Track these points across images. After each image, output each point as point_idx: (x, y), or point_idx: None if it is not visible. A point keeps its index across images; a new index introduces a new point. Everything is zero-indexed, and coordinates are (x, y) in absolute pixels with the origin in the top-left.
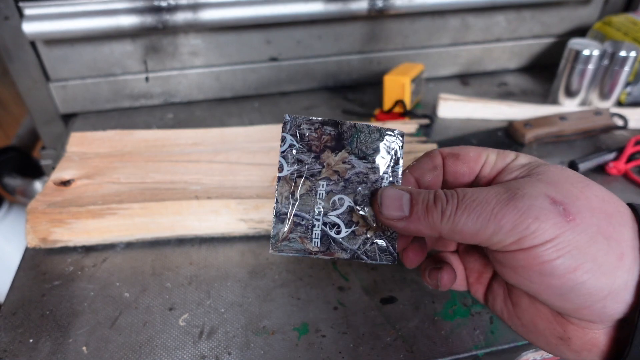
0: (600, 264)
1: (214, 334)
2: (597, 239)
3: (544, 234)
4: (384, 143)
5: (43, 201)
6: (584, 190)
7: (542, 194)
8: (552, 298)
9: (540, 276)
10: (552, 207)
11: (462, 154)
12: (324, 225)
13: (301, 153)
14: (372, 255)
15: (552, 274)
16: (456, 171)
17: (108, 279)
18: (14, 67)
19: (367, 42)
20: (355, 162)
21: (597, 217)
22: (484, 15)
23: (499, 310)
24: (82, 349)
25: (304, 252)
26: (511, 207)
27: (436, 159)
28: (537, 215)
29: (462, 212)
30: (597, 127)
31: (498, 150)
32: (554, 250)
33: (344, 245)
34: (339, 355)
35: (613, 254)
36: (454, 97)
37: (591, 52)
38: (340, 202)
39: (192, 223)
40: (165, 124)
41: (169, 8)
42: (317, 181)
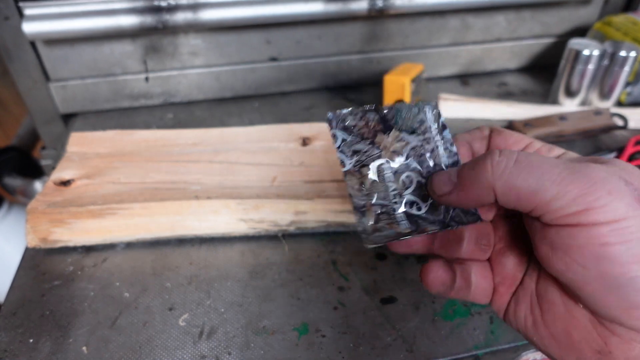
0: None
1: (214, 334)
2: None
3: (614, 211)
4: (424, 115)
5: (43, 201)
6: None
7: (616, 175)
8: (602, 292)
9: (597, 261)
10: (627, 188)
11: (507, 133)
12: (404, 206)
13: (355, 144)
14: (458, 219)
15: (612, 260)
16: (499, 145)
17: (108, 279)
18: (14, 67)
19: (367, 42)
20: (407, 137)
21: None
22: (484, 15)
23: (522, 321)
24: (82, 349)
25: (398, 236)
26: (582, 174)
27: (484, 130)
28: (610, 190)
29: (522, 167)
30: (597, 127)
31: (545, 142)
32: (620, 232)
33: (430, 218)
34: (339, 355)
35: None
36: (454, 97)
37: (591, 52)
38: (409, 179)
39: (192, 223)
40: (165, 124)
41: (169, 8)
42: (381, 165)
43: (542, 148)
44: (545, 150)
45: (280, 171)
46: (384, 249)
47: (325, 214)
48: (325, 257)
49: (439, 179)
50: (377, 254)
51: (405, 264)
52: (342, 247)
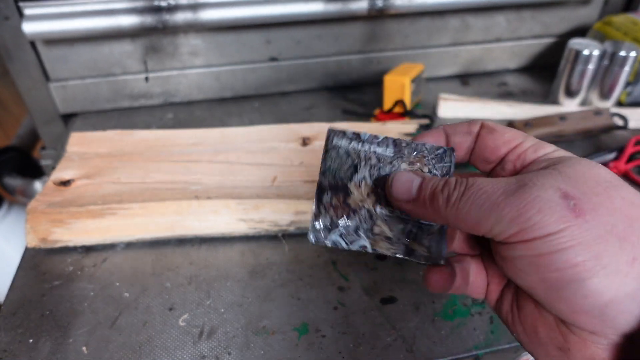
0: (605, 264)
1: (213, 334)
2: (608, 238)
3: (546, 226)
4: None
5: (43, 201)
6: (610, 190)
7: (554, 187)
8: (547, 296)
9: (537, 268)
10: (561, 200)
11: (498, 131)
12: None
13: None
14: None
15: (549, 267)
16: (486, 144)
17: (108, 279)
18: (14, 67)
19: (367, 42)
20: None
21: (615, 217)
22: (484, 15)
23: (505, 315)
24: (82, 349)
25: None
26: (516, 197)
27: (473, 126)
28: (541, 207)
29: (467, 199)
30: (597, 127)
31: (538, 141)
32: (555, 243)
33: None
34: (339, 355)
35: (623, 256)
36: (454, 97)
37: (591, 52)
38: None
39: (192, 223)
40: (165, 124)
41: (169, 8)
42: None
43: (529, 149)
44: (532, 151)
45: (280, 171)
46: None
47: None
48: (325, 257)
49: (401, 184)
50: (377, 254)
51: (405, 264)
52: None
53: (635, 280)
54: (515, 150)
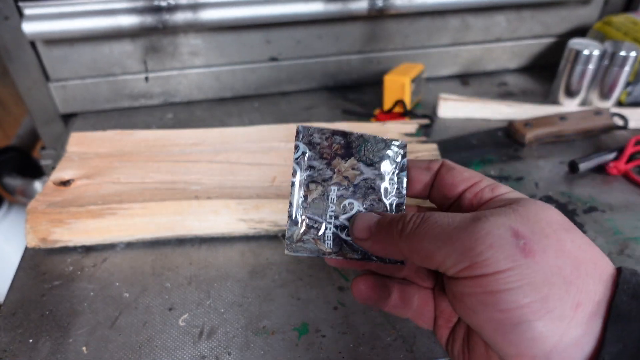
0: (551, 308)
1: (213, 334)
2: (554, 280)
3: (495, 263)
4: (388, 152)
5: (43, 201)
6: (560, 233)
7: (506, 225)
8: (494, 336)
9: (485, 307)
10: (512, 239)
11: (457, 169)
12: (336, 228)
13: (313, 160)
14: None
15: (496, 306)
16: (445, 181)
17: (108, 279)
18: (13, 67)
19: (367, 42)
20: (363, 168)
21: (562, 260)
22: (484, 15)
23: (457, 355)
24: (82, 349)
25: (318, 252)
26: (468, 231)
27: (433, 164)
28: (492, 244)
29: (421, 231)
30: (598, 127)
31: (494, 182)
32: (503, 282)
33: (354, 246)
34: (339, 355)
35: (569, 301)
36: (454, 97)
37: (591, 52)
38: (350, 206)
39: (192, 223)
40: (165, 124)
41: (168, 8)
42: (329, 186)
43: (486, 188)
44: (489, 190)
45: (280, 171)
46: None
47: None
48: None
49: (361, 223)
50: None
51: None
52: None
53: (578, 326)
54: (473, 189)
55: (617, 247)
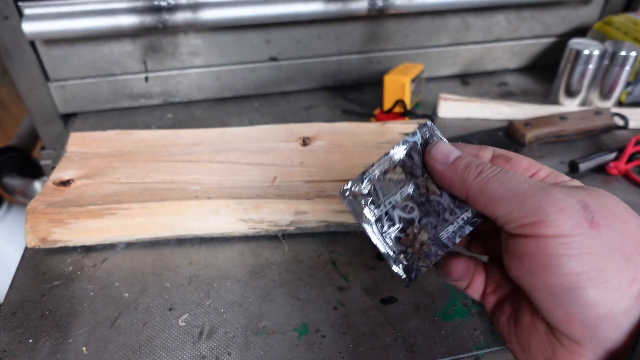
0: (608, 278)
1: (213, 334)
2: (615, 254)
3: (562, 227)
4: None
5: (43, 201)
6: (625, 214)
7: (578, 198)
8: (547, 299)
9: (542, 269)
10: (582, 210)
11: (515, 160)
12: (385, 214)
13: (416, 153)
14: (394, 265)
15: (554, 270)
16: None
17: (108, 279)
18: (13, 67)
19: (367, 42)
20: (445, 195)
21: (625, 237)
22: (484, 15)
23: (502, 326)
24: (82, 349)
25: (358, 216)
26: (543, 192)
27: (484, 151)
28: (562, 208)
29: (498, 179)
30: (598, 127)
31: (553, 170)
32: (565, 247)
33: (385, 239)
34: (339, 355)
35: (625, 275)
36: (454, 97)
37: (591, 52)
38: (411, 211)
39: (192, 223)
40: (165, 124)
41: (168, 8)
42: (410, 181)
43: (548, 177)
44: (552, 178)
45: (280, 171)
46: None
47: (325, 214)
48: (325, 257)
49: (442, 148)
50: (377, 254)
51: None
52: (342, 247)
53: (631, 299)
54: (534, 178)
55: None
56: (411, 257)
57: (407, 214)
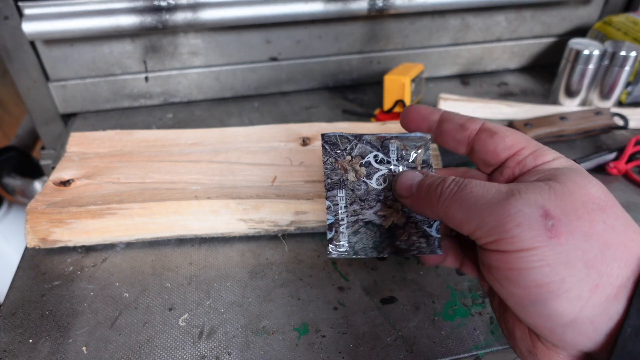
0: (567, 289)
1: (213, 334)
2: (576, 264)
3: (520, 241)
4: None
5: (43, 201)
6: (594, 213)
7: (538, 204)
8: (516, 308)
9: (507, 281)
10: (540, 219)
11: (499, 135)
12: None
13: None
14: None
15: (517, 283)
16: (484, 147)
17: (108, 279)
18: (13, 67)
19: (367, 42)
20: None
21: (589, 243)
22: (484, 15)
23: (495, 309)
24: (82, 349)
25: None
26: (500, 207)
27: (471, 123)
28: (520, 222)
29: (457, 199)
30: (598, 127)
31: (539, 147)
32: (526, 260)
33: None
34: (339, 355)
35: (587, 283)
36: (454, 97)
37: (591, 52)
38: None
39: (192, 223)
40: (165, 123)
41: (168, 8)
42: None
43: (529, 156)
44: (532, 159)
45: (280, 171)
46: None
47: (325, 214)
48: (325, 257)
49: (404, 181)
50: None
51: (405, 264)
52: None
53: (595, 307)
54: (515, 157)
55: None
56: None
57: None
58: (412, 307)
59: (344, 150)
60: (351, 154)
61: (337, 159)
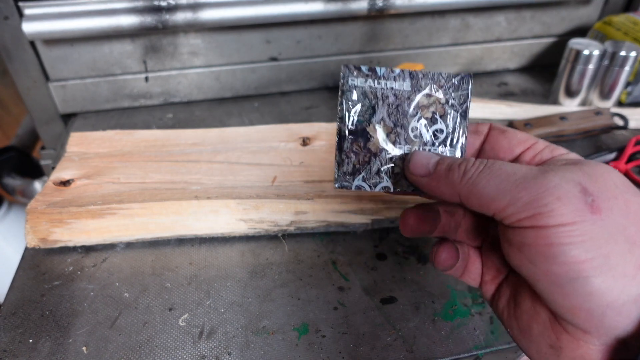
0: (613, 265)
1: (213, 334)
2: (619, 239)
3: (561, 216)
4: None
5: (43, 201)
6: (626, 194)
7: (575, 180)
8: (550, 289)
9: (544, 259)
10: (580, 194)
11: (510, 132)
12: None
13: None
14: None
15: (556, 259)
16: (497, 143)
17: (108, 279)
18: (13, 67)
19: (367, 42)
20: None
21: (628, 220)
22: (484, 15)
23: (501, 310)
24: (82, 349)
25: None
26: (537, 181)
27: (482, 126)
28: (560, 196)
29: (485, 175)
30: (598, 127)
31: (550, 143)
32: (566, 235)
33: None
34: (339, 355)
35: (632, 260)
36: None
37: (591, 52)
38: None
39: (192, 223)
40: (165, 123)
41: (168, 8)
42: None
43: (545, 149)
44: (548, 151)
45: (280, 171)
46: (383, 249)
47: (325, 214)
48: (325, 257)
49: (419, 160)
50: (377, 254)
51: (405, 264)
52: (342, 247)
53: (639, 285)
54: (530, 151)
55: None
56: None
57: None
58: (412, 307)
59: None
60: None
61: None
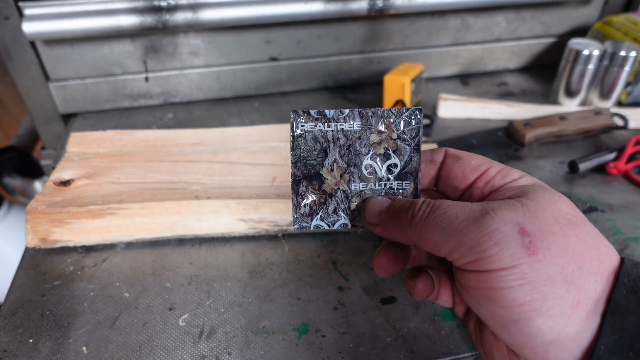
0: (551, 306)
1: (213, 334)
2: (556, 280)
3: (500, 260)
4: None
5: (43, 201)
6: (567, 229)
7: (514, 221)
8: (497, 328)
9: (488, 301)
10: (518, 236)
11: (464, 159)
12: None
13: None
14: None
15: (498, 302)
16: (451, 172)
17: (108, 279)
18: (13, 67)
19: (367, 42)
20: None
21: (566, 258)
22: (484, 15)
23: (470, 332)
24: (82, 349)
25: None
26: (477, 226)
27: (437, 155)
28: (498, 240)
29: (430, 221)
30: (598, 127)
31: (504, 166)
32: (506, 279)
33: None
34: (339, 355)
35: (568, 299)
36: (454, 97)
37: (591, 52)
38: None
39: (192, 223)
40: (165, 124)
41: (168, 8)
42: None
43: (497, 175)
44: (500, 177)
45: (280, 171)
46: None
47: None
48: (325, 257)
49: (371, 208)
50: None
51: None
52: (342, 247)
53: (577, 323)
54: (483, 177)
55: (617, 247)
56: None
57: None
58: (412, 307)
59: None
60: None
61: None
